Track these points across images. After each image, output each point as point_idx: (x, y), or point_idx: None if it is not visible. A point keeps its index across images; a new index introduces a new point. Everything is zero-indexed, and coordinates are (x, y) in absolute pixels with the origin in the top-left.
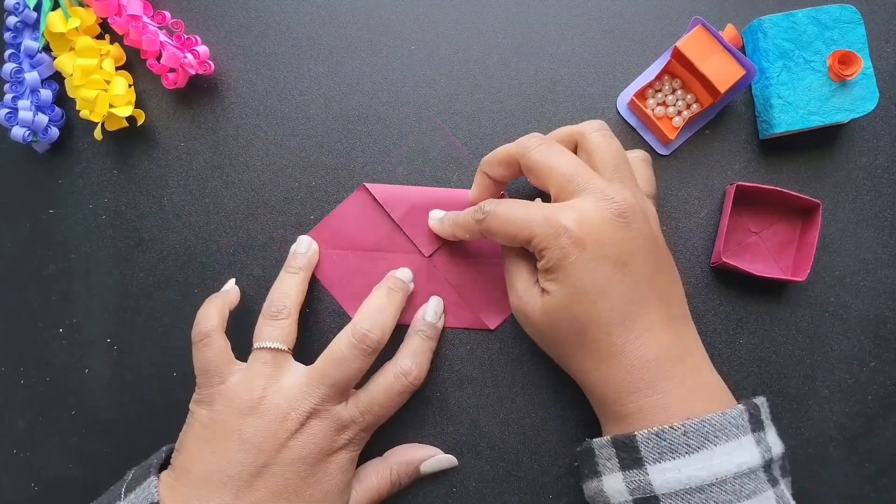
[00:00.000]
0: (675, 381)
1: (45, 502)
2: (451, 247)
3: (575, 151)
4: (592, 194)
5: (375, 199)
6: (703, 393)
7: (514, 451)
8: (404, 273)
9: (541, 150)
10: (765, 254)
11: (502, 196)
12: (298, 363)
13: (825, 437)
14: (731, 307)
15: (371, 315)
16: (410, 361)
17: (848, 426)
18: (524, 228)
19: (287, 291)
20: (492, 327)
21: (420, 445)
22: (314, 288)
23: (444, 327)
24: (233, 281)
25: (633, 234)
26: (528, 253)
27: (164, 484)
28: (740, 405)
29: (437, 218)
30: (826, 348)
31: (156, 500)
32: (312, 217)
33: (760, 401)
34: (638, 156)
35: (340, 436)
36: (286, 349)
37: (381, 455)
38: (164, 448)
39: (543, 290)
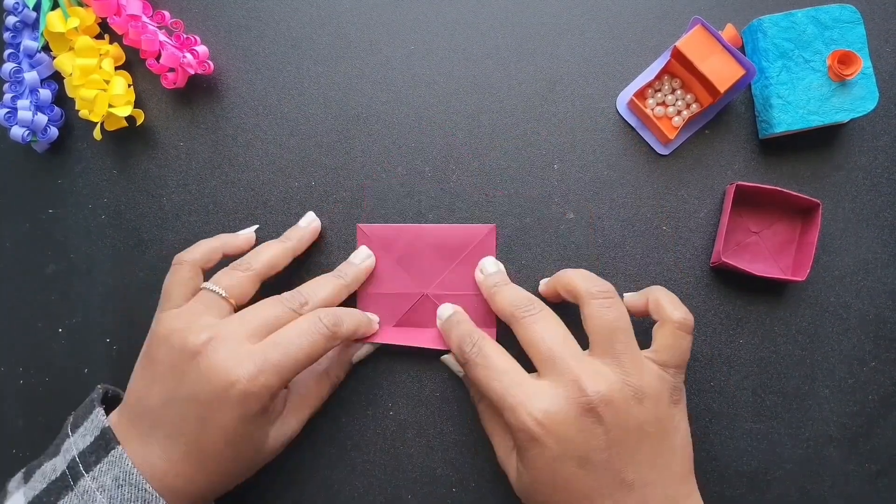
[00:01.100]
0: None
1: None
2: (446, 282)
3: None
4: (564, 384)
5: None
6: None
7: None
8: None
9: (527, 321)
10: (765, 254)
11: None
12: None
13: (825, 437)
14: (731, 307)
15: (306, 285)
16: (331, 311)
17: (848, 426)
18: (495, 395)
19: (262, 252)
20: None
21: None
22: None
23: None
24: (253, 228)
25: (603, 430)
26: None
27: (112, 418)
28: None
29: (443, 317)
30: (826, 348)
31: (106, 425)
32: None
33: None
34: (675, 321)
35: (235, 371)
36: (229, 300)
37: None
38: (98, 386)
39: (516, 466)
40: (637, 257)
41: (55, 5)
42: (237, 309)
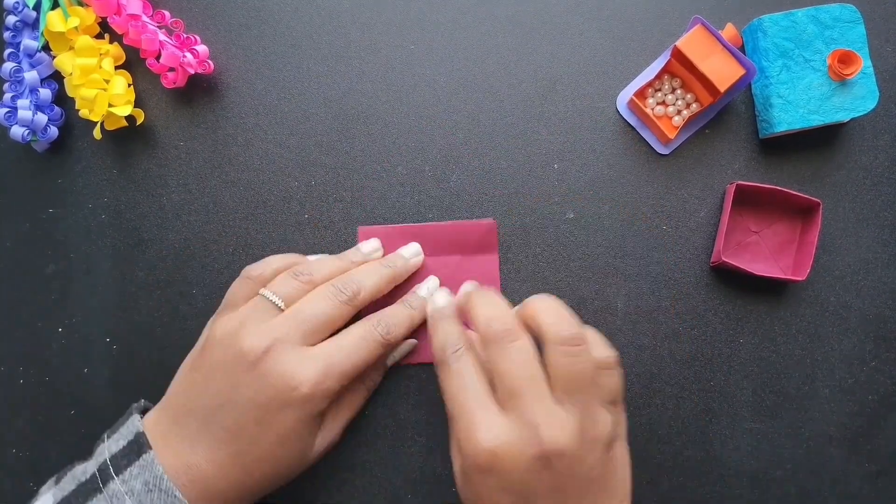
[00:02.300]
0: None
1: None
2: (447, 280)
3: None
4: (523, 425)
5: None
6: None
7: None
8: (409, 250)
9: (496, 347)
10: (765, 253)
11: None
12: None
13: (825, 437)
14: (731, 307)
15: (358, 271)
16: (385, 317)
17: (848, 426)
18: (452, 408)
19: (323, 266)
20: None
21: None
22: None
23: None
24: (321, 256)
25: (550, 476)
26: None
27: (151, 417)
28: None
29: (436, 304)
30: (826, 348)
31: (140, 430)
32: (312, 217)
33: None
34: (602, 360)
35: (299, 376)
36: (284, 308)
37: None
38: (142, 400)
39: (456, 475)
40: (637, 257)
41: (55, 5)
42: None
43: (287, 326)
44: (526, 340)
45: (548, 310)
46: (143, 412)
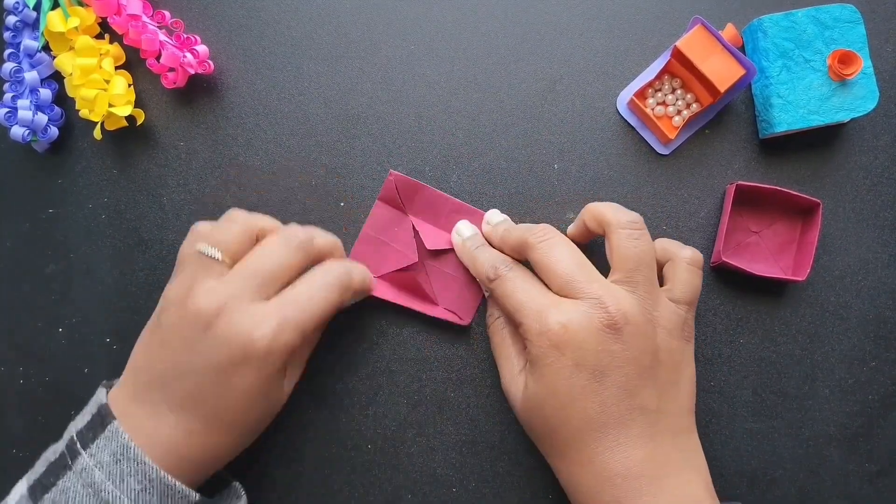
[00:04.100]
0: (645, 500)
1: None
2: (450, 257)
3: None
4: (587, 300)
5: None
6: None
7: (514, 451)
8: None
9: (543, 246)
10: (765, 253)
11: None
12: None
13: (825, 437)
14: (731, 307)
15: (308, 226)
16: (344, 261)
17: (848, 426)
18: (517, 312)
19: (262, 216)
20: (466, 322)
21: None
22: None
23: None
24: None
25: (622, 347)
26: (518, 338)
27: (114, 390)
28: None
29: (462, 235)
30: (826, 348)
31: (104, 402)
32: (312, 217)
33: None
34: (685, 257)
35: (255, 332)
36: (225, 260)
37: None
38: (114, 380)
39: (525, 383)
40: None
41: (55, 5)
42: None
43: (238, 282)
44: (563, 237)
45: (608, 205)
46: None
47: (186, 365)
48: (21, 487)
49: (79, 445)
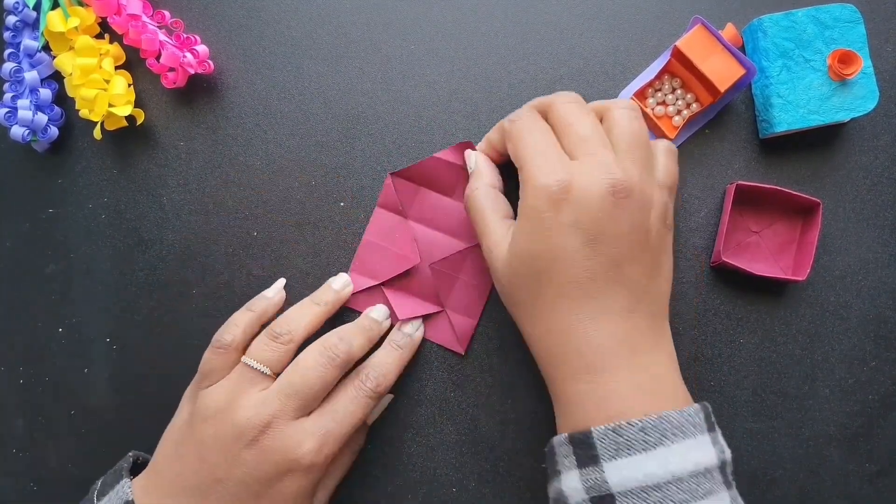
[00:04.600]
0: (622, 374)
1: (45, 502)
2: (451, 260)
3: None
4: (597, 162)
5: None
6: (654, 388)
7: (514, 451)
8: (379, 312)
9: (569, 106)
10: (765, 253)
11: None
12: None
13: (825, 437)
14: (731, 307)
15: (344, 330)
16: (373, 370)
17: (848, 426)
18: (522, 155)
19: (300, 320)
20: (461, 351)
21: None
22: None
23: (422, 339)
24: (281, 283)
25: (620, 215)
26: (502, 204)
27: (138, 484)
28: (696, 404)
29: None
30: (826, 348)
31: (130, 499)
32: (312, 217)
33: (706, 404)
34: (662, 146)
35: (299, 449)
36: (271, 374)
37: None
38: (130, 454)
39: (514, 238)
40: None
41: (55, 5)
42: None
43: (282, 401)
44: (589, 107)
45: (612, 100)
46: (134, 464)
47: (227, 475)
48: None
49: None
